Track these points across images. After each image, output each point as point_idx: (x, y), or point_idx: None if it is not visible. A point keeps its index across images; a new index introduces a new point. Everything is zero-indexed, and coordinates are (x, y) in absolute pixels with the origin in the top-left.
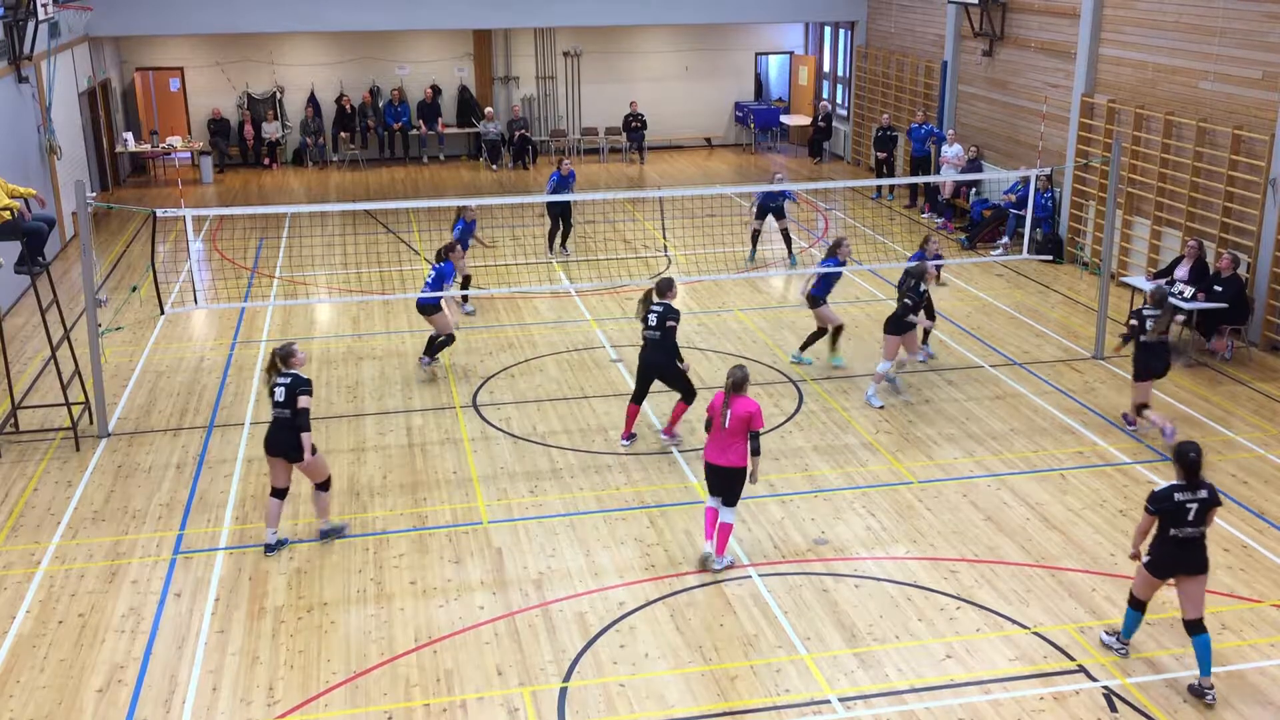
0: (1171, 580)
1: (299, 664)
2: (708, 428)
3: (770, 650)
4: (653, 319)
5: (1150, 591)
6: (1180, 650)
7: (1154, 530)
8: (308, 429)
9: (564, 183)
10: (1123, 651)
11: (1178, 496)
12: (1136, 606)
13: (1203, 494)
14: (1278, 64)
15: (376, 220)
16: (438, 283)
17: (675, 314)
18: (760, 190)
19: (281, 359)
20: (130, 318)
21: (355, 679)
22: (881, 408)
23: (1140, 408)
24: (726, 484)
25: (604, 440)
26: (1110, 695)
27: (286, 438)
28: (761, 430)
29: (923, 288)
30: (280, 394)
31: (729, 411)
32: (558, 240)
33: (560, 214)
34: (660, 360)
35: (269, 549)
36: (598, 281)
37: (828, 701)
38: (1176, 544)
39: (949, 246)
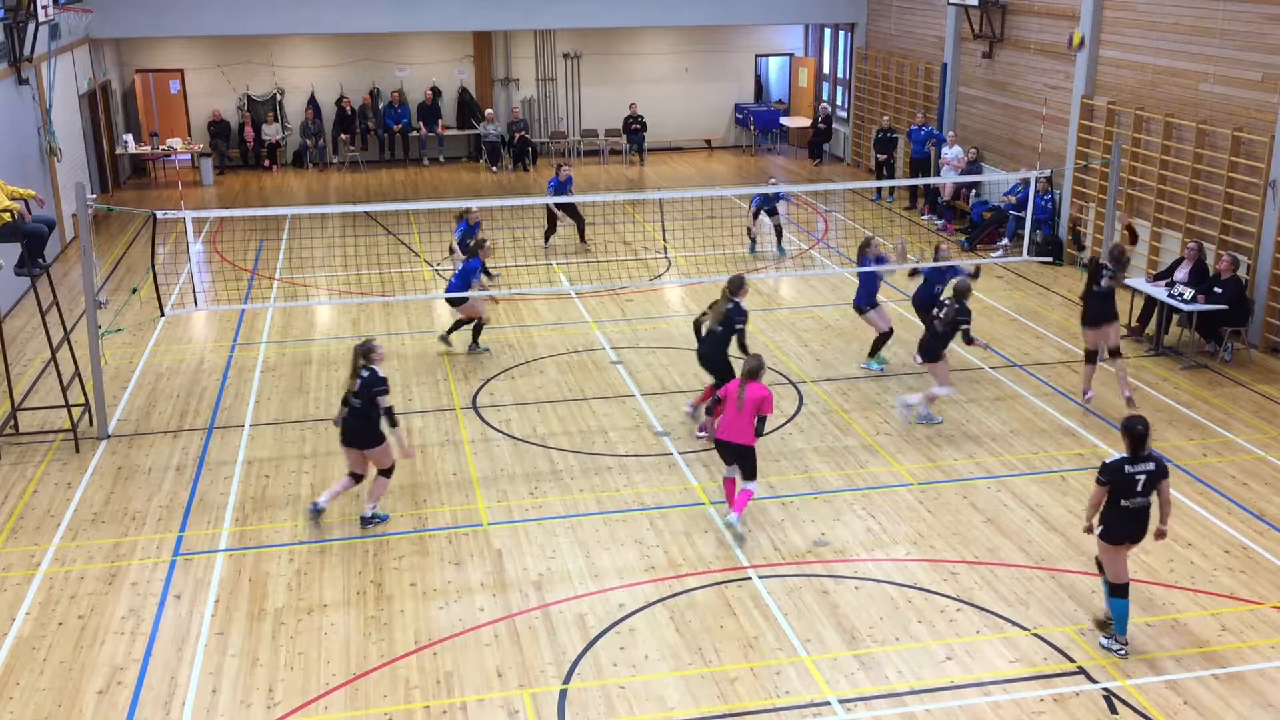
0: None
1: (299, 666)
2: (709, 408)
3: (770, 652)
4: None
5: (1121, 568)
6: (1180, 652)
7: (1105, 501)
8: (395, 424)
9: (561, 188)
10: (1122, 653)
11: (1128, 468)
12: (1119, 593)
13: (1150, 466)
14: (1277, 66)
15: (376, 222)
16: (464, 276)
17: (744, 315)
18: (756, 194)
19: (363, 355)
20: (130, 319)
21: (355, 681)
22: (940, 422)
23: (1090, 355)
24: (739, 458)
25: (604, 442)
26: (1110, 697)
27: (359, 428)
28: (770, 415)
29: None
30: (357, 386)
31: (744, 396)
32: (554, 235)
33: (566, 212)
34: (716, 356)
35: (316, 508)
36: (597, 283)
37: (828, 703)
38: (1127, 513)
39: (949, 249)
